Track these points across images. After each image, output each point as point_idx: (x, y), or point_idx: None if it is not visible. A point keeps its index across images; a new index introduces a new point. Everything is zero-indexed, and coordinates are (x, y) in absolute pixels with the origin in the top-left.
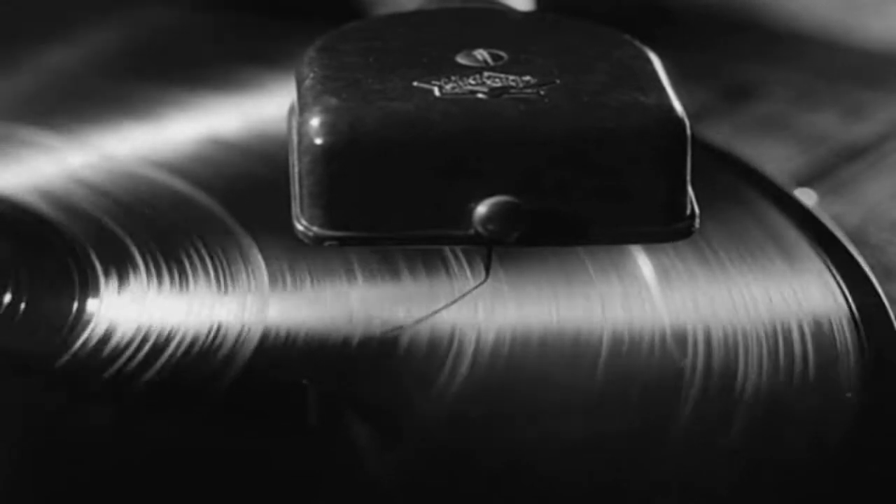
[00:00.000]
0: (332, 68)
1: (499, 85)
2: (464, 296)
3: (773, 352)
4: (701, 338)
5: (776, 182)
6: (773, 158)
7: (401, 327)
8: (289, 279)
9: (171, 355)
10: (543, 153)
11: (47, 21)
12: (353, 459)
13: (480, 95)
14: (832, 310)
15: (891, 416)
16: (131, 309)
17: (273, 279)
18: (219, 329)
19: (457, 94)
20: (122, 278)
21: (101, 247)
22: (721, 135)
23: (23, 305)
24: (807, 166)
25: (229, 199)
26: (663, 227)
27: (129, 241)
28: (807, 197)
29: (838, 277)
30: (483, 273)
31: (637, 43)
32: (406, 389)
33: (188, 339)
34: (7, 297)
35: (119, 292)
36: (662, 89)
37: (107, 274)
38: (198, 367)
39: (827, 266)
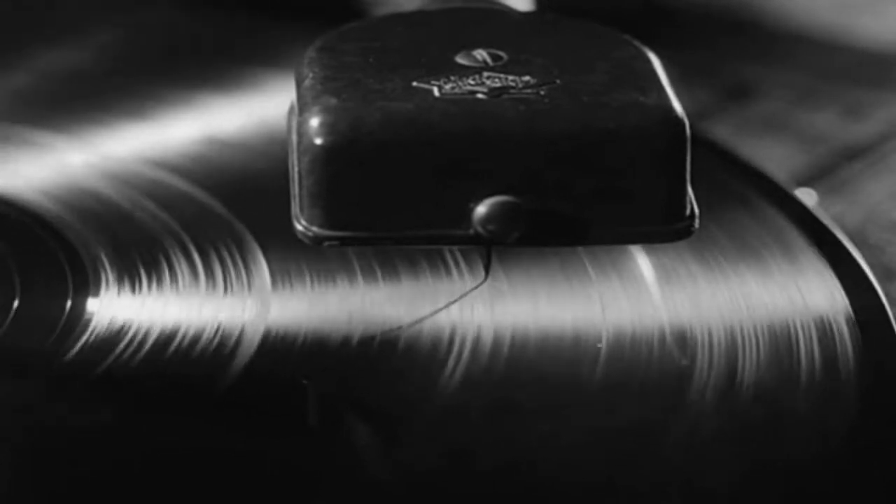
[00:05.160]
0: (332, 68)
1: (498, 85)
2: (464, 296)
3: (773, 352)
4: (701, 338)
5: (776, 182)
6: (773, 158)
7: (401, 327)
8: (289, 279)
9: (172, 355)
10: (543, 153)
11: (48, 21)
12: (353, 459)
13: (480, 95)
14: (832, 310)
15: (891, 417)
16: (131, 309)
17: (273, 279)
18: (219, 329)
19: (456, 94)
20: (123, 278)
21: (101, 247)
22: (721, 135)
23: (23, 305)
24: (807, 166)
25: (229, 199)
26: (663, 227)
27: (128, 241)
28: (807, 197)
29: (838, 277)
30: (483, 273)
31: (637, 43)
32: (406, 389)
33: (188, 339)
34: (6, 297)
35: (119, 292)
36: (662, 89)
37: (107, 274)
38: (198, 367)
39: (827, 266)
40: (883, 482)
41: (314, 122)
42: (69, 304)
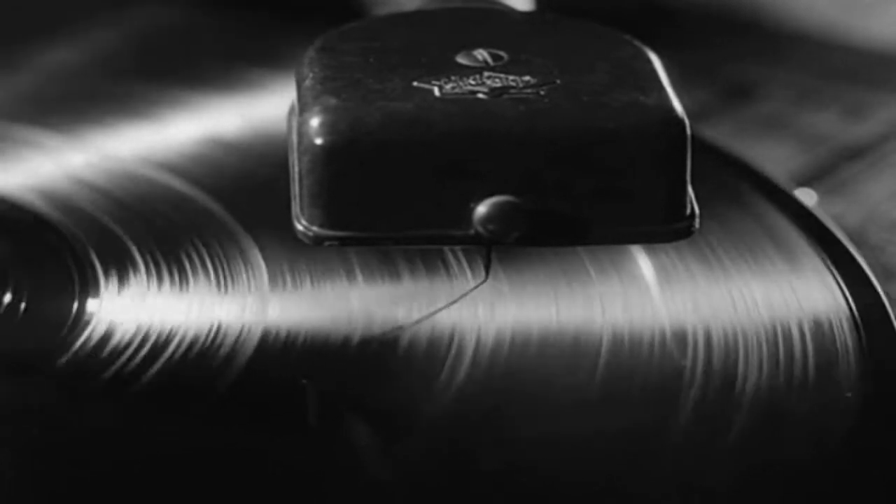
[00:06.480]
0: (332, 68)
1: (499, 85)
2: (464, 296)
3: (773, 352)
4: (701, 338)
5: (776, 182)
6: (773, 158)
7: (401, 327)
8: (289, 279)
9: (171, 355)
10: (543, 153)
11: (47, 21)
12: (354, 459)
13: (480, 95)
14: (832, 310)
15: (891, 417)
16: (131, 309)
17: (273, 279)
18: (219, 329)
19: (457, 94)
20: (122, 278)
21: (101, 247)
22: (721, 135)
23: (23, 305)
24: (807, 166)
25: (229, 199)
26: (663, 227)
27: (129, 241)
28: (807, 197)
29: (838, 277)
30: (483, 273)
31: (637, 43)
32: (406, 389)
33: (188, 339)
34: (7, 298)
35: (119, 292)
36: (662, 89)
37: (107, 274)
38: (198, 367)
39: (827, 266)
40: (882, 482)
41: (314, 122)
42: (68, 304)
